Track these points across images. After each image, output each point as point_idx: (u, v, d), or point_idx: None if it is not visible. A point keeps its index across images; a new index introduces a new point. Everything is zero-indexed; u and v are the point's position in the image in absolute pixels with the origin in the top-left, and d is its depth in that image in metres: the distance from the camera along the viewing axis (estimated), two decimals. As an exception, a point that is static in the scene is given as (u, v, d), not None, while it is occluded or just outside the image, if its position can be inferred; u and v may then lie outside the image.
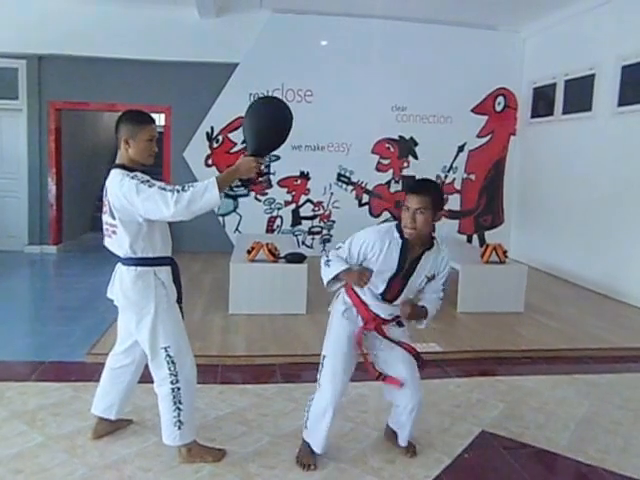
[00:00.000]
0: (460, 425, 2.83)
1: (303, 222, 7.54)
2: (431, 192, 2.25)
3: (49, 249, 7.34)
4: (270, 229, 7.45)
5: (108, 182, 2.32)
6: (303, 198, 7.50)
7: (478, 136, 7.74)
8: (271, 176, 7.37)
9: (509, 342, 4.19)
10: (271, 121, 2.30)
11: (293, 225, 7.52)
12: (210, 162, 7.26)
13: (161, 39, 6.83)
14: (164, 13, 6.74)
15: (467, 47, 7.46)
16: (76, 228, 8.35)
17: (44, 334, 4.17)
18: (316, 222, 7.55)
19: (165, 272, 2.39)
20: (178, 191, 2.16)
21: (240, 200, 7.41)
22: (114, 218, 2.29)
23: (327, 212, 7.55)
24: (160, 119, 7.73)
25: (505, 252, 5.06)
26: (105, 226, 2.38)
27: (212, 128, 7.22)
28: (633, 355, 4.07)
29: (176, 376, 2.38)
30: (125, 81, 7.08)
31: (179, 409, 2.40)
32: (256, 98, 2.50)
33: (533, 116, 7.44)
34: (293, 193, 7.47)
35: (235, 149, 7.27)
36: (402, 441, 2.58)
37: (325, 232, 7.57)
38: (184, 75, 7.11)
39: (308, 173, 7.45)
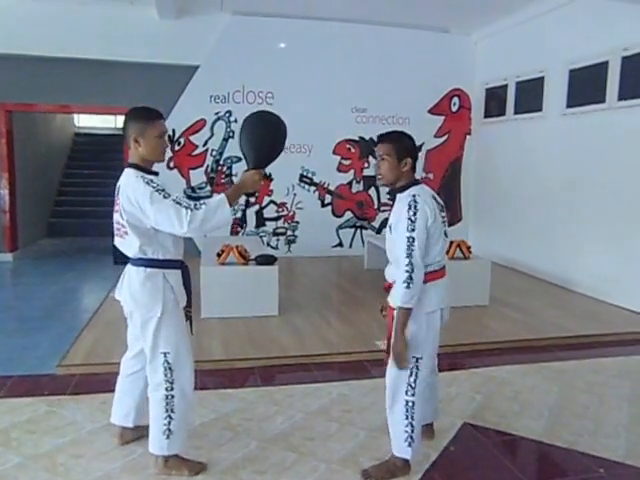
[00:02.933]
0: (443, 419, 2.90)
1: (267, 223, 7.53)
2: (392, 139, 2.27)
3: (5, 256, 7.05)
4: (235, 231, 7.41)
5: (122, 181, 2.26)
6: (266, 199, 7.49)
7: (435, 136, 7.93)
8: (233, 178, 7.33)
9: (479, 335, 4.35)
10: (268, 134, 2.39)
11: (257, 226, 7.50)
12: (172, 165, 7.13)
13: (119, 39, 6.64)
14: (122, 12, 6.57)
15: (422, 49, 7.64)
16: (32, 234, 8.07)
17: (8, 347, 4.00)
18: (280, 223, 7.57)
19: (175, 276, 2.34)
20: (192, 209, 2.14)
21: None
22: (124, 219, 2.24)
23: (291, 213, 7.57)
24: (118, 122, 7.53)
25: (469, 248, 5.23)
26: (116, 225, 2.31)
27: (174, 131, 7.10)
28: (591, 342, 4.31)
29: (172, 383, 2.34)
30: (81, 82, 6.85)
31: (170, 417, 2.34)
32: (247, 115, 2.52)
33: (486, 116, 7.68)
34: (256, 194, 7.45)
35: (197, 151, 7.18)
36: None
37: (290, 233, 7.59)
38: (144, 77, 6.94)
39: (270, 174, 7.42)
